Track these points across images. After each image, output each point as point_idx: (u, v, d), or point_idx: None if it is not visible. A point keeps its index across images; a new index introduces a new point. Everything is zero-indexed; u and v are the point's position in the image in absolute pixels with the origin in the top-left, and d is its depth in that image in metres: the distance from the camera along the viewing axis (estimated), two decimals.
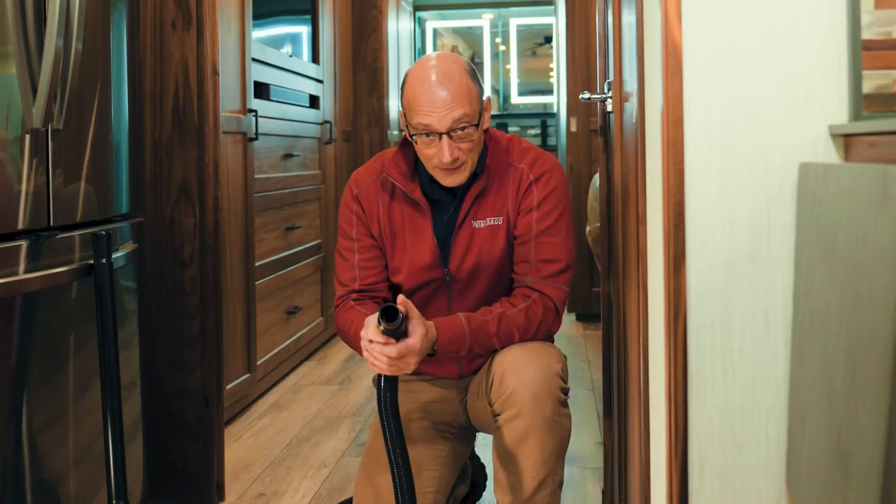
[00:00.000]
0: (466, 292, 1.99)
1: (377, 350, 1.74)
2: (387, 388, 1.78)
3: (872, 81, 1.32)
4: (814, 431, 1.21)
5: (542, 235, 1.95)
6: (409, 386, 2.14)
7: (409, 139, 1.92)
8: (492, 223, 1.97)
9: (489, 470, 2.57)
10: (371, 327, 1.75)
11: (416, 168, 1.99)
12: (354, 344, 1.94)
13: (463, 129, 1.85)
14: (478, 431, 2.19)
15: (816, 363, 1.22)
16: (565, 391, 1.88)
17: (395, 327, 1.71)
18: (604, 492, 2.40)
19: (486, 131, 2.00)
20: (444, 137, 1.84)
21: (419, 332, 1.76)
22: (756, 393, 1.33)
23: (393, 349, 1.72)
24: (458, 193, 1.97)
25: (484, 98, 1.93)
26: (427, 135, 1.85)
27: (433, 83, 1.84)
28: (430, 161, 1.89)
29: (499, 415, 1.86)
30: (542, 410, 1.82)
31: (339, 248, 2.08)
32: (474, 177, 1.96)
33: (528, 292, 1.94)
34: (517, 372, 1.83)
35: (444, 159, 1.85)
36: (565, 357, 2.03)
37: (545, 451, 1.84)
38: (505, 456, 1.88)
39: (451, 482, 2.13)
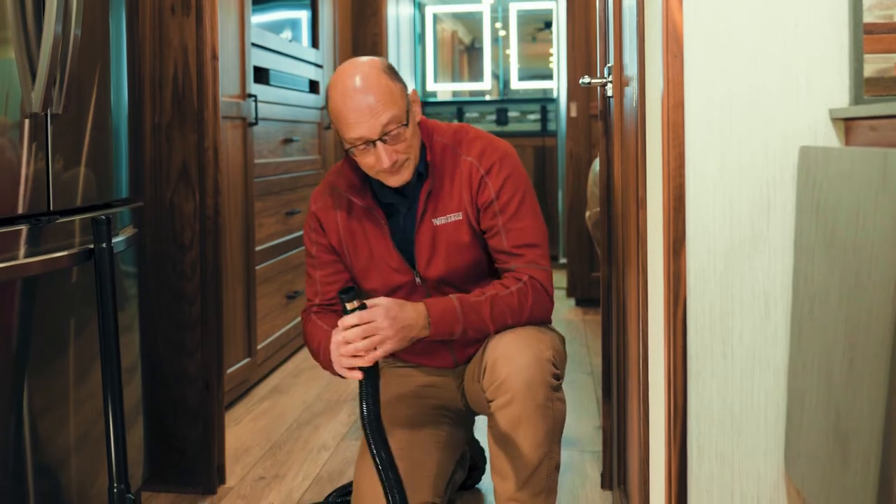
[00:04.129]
0: (443, 291, 1.98)
1: (344, 335, 1.73)
2: (367, 389, 1.75)
3: (874, 65, 1.32)
4: (812, 414, 1.22)
5: (509, 223, 1.94)
6: (404, 371, 2.15)
7: (347, 153, 1.91)
8: (453, 219, 1.97)
9: (487, 454, 2.58)
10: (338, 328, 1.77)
11: (365, 174, 1.98)
12: (317, 358, 1.98)
13: (394, 131, 1.84)
14: (476, 415, 2.20)
15: (815, 346, 1.22)
16: (557, 377, 1.89)
17: (354, 306, 1.72)
18: (602, 475, 2.41)
19: (426, 125, 1.98)
20: (379, 144, 1.84)
21: (385, 301, 1.78)
22: (755, 376, 1.34)
23: (354, 317, 1.72)
24: (409, 194, 1.97)
25: (409, 92, 1.92)
26: (362, 146, 1.85)
27: (354, 94, 1.83)
28: (371, 169, 1.89)
29: (491, 401, 1.88)
30: (535, 397, 1.83)
31: (305, 268, 2.12)
32: (420, 176, 1.96)
33: (517, 275, 1.94)
34: (509, 359, 1.84)
35: (383, 166, 1.84)
36: (563, 339, 2.03)
37: (539, 435, 1.85)
38: (500, 441, 1.89)
39: (449, 467, 2.14)
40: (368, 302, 1.79)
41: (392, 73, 1.89)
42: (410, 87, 1.94)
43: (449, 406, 2.13)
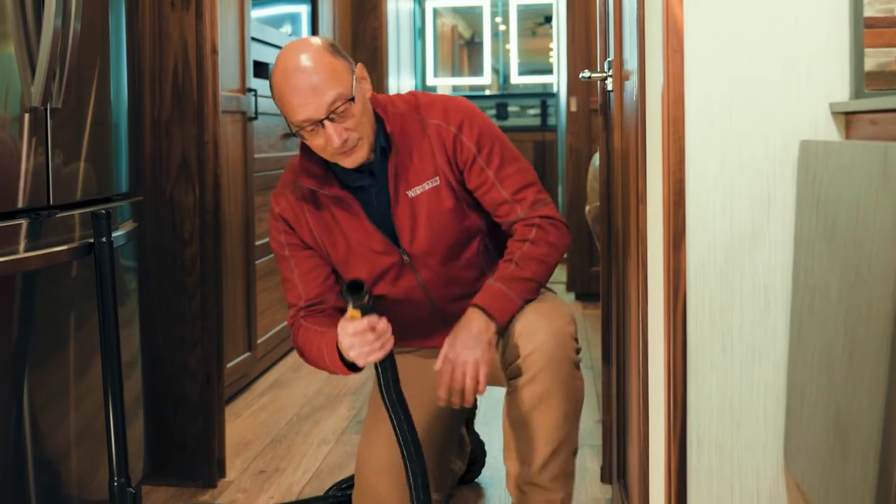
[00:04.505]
0: (431, 263, 1.93)
1: (365, 338, 1.71)
2: (387, 371, 1.75)
3: (874, 59, 1.32)
4: (812, 408, 1.22)
5: (500, 173, 1.90)
6: (402, 358, 2.05)
7: (297, 137, 1.85)
8: (429, 186, 1.90)
9: (495, 444, 2.58)
10: (347, 321, 1.74)
11: (327, 163, 1.91)
12: (320, 364, 1.90)
13: (341, 109, 1.78)
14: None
15: (815, 340, 1.22)
16: (578, 351, 1.85)
17: (363, 301, 1.69)
18: (602, 468, 2.41)
19: (377, 100, 1.90)
20: (326, 123, 1.77)
21: (445, 346, 1.80)
22: (755, 370, 1.34)
23: (364, 323, 1.70)
24: (377, 172, 1.90)
25: (355, 69, 1.84)
26: (310, 128, 1.79)
27: (295, 75, 1.77)
28: (324, 151, 1.82)
29: (512, 379, 1.83)
30: (557, 373, 1.79)
31: (281, 277, 2.04)
32: (383, 151, 1.89)
33: (529, 223, 1.90)
34: (531, 335, 1.80)
35: (334, 145, 1.78)
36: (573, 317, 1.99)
37: (560, 416, 1.81)
38: (518, 422, 1.85)
39: (451, 455, 2.12)
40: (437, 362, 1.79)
41: (334, 50, 1.82)
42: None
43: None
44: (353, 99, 1.79)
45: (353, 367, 1.83)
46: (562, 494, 1.87)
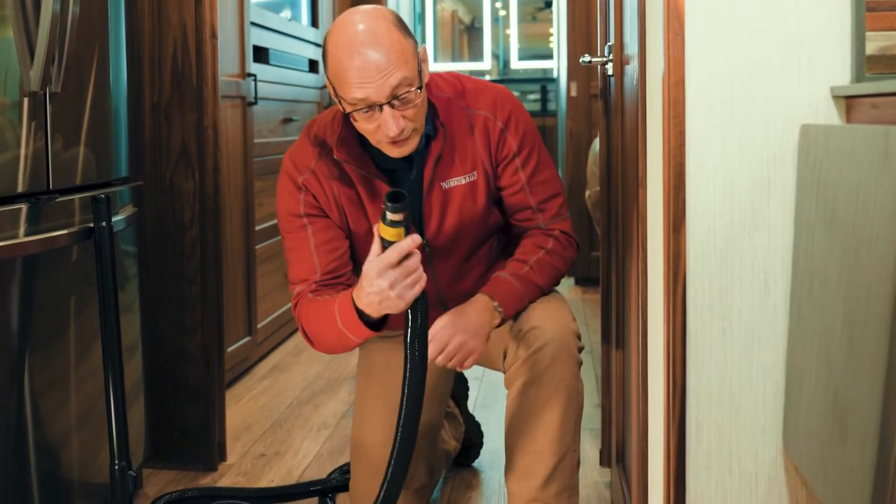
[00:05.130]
0: (446, 258, 1.86)
1: (407, 266, 1.55)
2: (419, 311, 1.60)
3: (875, 43, 1.32)
4: (811, 391, 1.22)
5: (532, 178, 1.84)
6: (391, 344, 1.98)
7: (345, 115, 1.70)
8: (467, 181, 1.81)
9: (493, 427, 2.59)
10: (386, 254, 1.56)
11: (362, 139, 1.76)
12: (327, 334, 1.75)
13: (404, 95, 1.62)
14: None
15: (815, 324, 1.22)
16: (581, 350, 1.81)
17: (403, 214, 1.51)
18: (601, 452, 2.42)
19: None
20: (386, 108, 1.61)
21: (442, 320, 1.73)
22: (754, 353, 1.34)
23: (394, 252, 1.53)
24: (415, 158, 1.78)
25: (419, 50, 1.68)
26: (365, 109, 1.63)
27: (361, 48, 1.59)
28: (373, 136, 1.67)
29: (516, 380, 1.78)
30: (562, 373, 1.74)
31: (286, 246, 1.85)
32: (427, 137, 1.77)
33: (548, 232, 1.86)
34: (537, 331, 1.75)
35: (389, 133, 1.62)
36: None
37: (565, 421, 1.76)
38: (520, 430, 1.79)
39: (439, 434, 2.11)
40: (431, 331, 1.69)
41: (403, 26, 1.66)
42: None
43: (436, 368, 1.96)
44: (420, 87, 1.64)
45: (371, 325, 1.68)
46: None
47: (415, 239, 1.56)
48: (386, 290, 1.56)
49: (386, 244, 1.55)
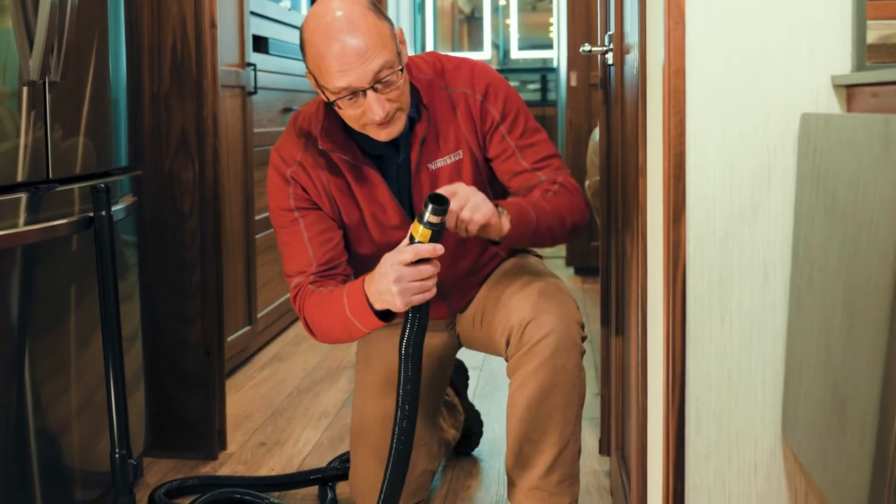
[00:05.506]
0: (445, 243, 1.80)
1: (421, 270, 1.54)
2: (418, 318, 1.58)
3: (876, 31, 1.31)
4: (810, 380, 1.23)
5: (521, 141, 1.82)
6: (392, 332, 1.93)
7: (329, 104, 1.70)
8: (452, 160, 1.80)
9: (493, 417, 2.59)
10: (404, 249, 1.57)
11: (346, 126, 1.77)
12: (333, 324, 1.74)
13: (387, 78, 1.62)
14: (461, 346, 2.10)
15: (814, 313, 1.23)
16: (584, 339, 1.80)
17: (439, 219, 1.51)
18: (601, 441, 2.43)
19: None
20: (370, 93, 1.61)
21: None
22: (753, 342, 1.34)
23: (428, 249, 1.52)
24: (399, 142, 1.77)
25: (396, 32, 1.69)
26: (349, 96, 1.62)
27: (339, 36, 1.59)
28: (358, 121, 1.67)
29: (519, 369, 1.77)
30: (565, 363, 1.73)
31: (280, 241, 1.86)
32: (412, 121, 1.76)
33: (552, 178, 1.80)
34: (541, 320, 1.73)
35: (375, 118, 1.63)
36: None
37: (567, 410, 1.76)
38: (522, 419, 1.78)
39: (438, 421, 2.11)
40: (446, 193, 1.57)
41: (377, 9, 1.66)
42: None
43: (435, 353, 2.01)
44: (401, 68, 1.64)
45: (381, 315, 1.66)
46: (568, 499, 1.82)
47: (437, 248, 1.56)
48: (390, 284, 1.57)
49: (412, 242, 1.57)
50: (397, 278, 1.56)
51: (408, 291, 1.57)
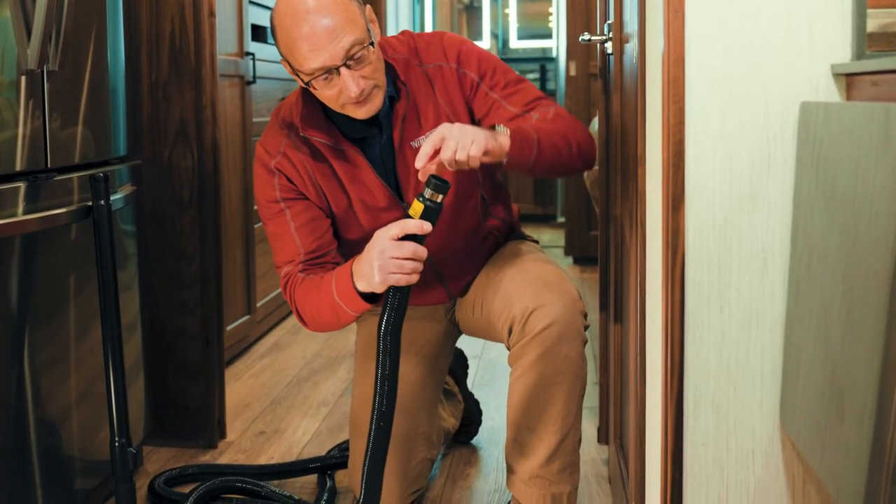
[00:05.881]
0: (434, 229, 1.78)
1: (404, 248, 1.55)
2: (398, 304, 1.57)
3: (876, 20, 1.31)
4: (808, 368, 1.23)
5: (505, 91, 1.81)
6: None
7: (305, 86, 1.72)
8: None
9: (492, 405, 2.60)
10: (392, 224, 1.58)
11: (326, 112, 1.79)
12: (322, 308, 1.74)
13: (358, 54, 1.64)
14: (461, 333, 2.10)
15: (813, 301, 1.23)
16: (587, 328, 1.79)
17: (438, 197, 1.52)
18: (599, 429, 2.44)
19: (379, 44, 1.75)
20: (343, 70, 1.63)
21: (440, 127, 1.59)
22: (752, 330, 1.34)
23: (415, 225, 1.52)
24: (381, 122, 1.78)
25: (365, 9, 1.70)
26: (324, 76, 1.65)
27: (308, 17, 1.62)
28: (335, 101, 1.69)
29: (521, 358, 1.76)
30: (568, 352, 1.73)
31: (269, 232, 1.86)
32: (391, 99, 1.77)
33: (543, 110, 1.78)
34: (544, 308, 1.72)
35: (351, 95, 1.64)
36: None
37: (567, 402, 1.76)
38: (523, 407, 1.78)
39: (437, 409, 2.12)
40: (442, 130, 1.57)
41: None
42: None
43: (434, 340, 2.02)
44: (372, 43, 1.66)
45: (366, 297, 1.67)
46: (569, 488, 1.82)
47: (423, 225, 1.56)
48: (372, 258, 1.58)
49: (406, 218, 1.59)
50: (380, 251, 1.58)
51: (386, 267, 1.57)
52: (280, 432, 2.62)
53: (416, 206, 1.57)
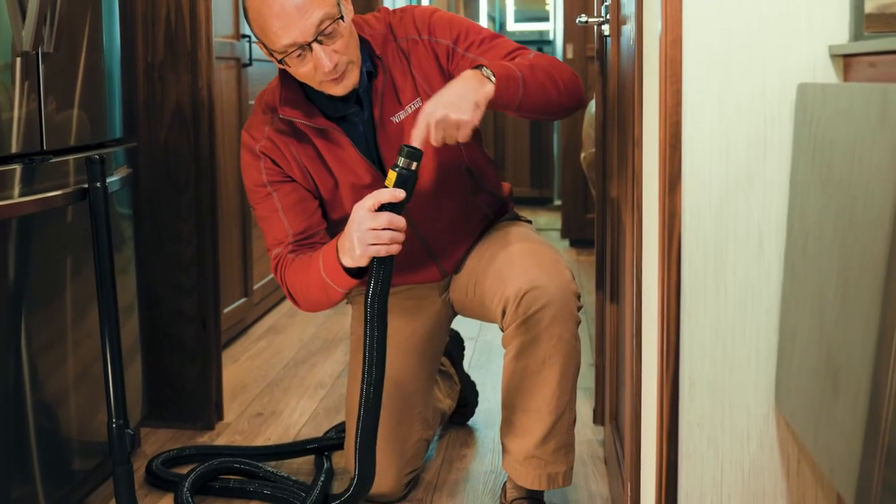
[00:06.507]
0: (420, 195, 1.79)
1: (379, 218, 1.57)
2: (381, 274, 1.58)
3: (874, 1, 1.31)
4: (804, 348, 1.24)
5: (481, 49, 1.81)
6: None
7: (280, 65, 1.74)
8: (413, 109, 1.80)
9: (489, 387, 2.61)
10: (374, 196, 1.60)
11: (306, 93, 1.81)
12: (315, 285, 1.75)
13: (329, 30, 1.66)
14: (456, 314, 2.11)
15: (809, 282, 1.23)
16: (580, 309, 1.80)
17: (410, 164, 1.54)
18: (595, 410, 2.45)
19: (355, 22, 1.79)
20: (315, 46, 1.65)
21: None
22: (748, 311, 1.35)
23: (388, 195, 1.55)
24: (360, 99, 1.80)
25: None
26: (297, 53, 1.67)
27: None
28: (312, 78, 1.71)
29: (514, 339, 1.78)
30: (561, 333, 1.74)
31: (258, 216, 1.89)
32: (369, 75, 1.79)
33: (523, 56, 1.79)
34: (537, 290, 1.73)
35: (325, 69, 1.66)
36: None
37: (564, 380, 1.77)
38: (518, 388, 1.79)
39: (432, 389, 2.13)
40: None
41: None
42: None
43: (430, 321, 2.03)
44: (342, 17, 1.68)
45: (352, 273, 1.69)
46: (564, 468, 1.84)
47: (396, 193, 1.58)
48: (351, 228, 1.61)
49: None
50: (357, 224, 1.60)
51: (364, 239, 1.59)
52: (277, 414, 2.63)
53: (391, 176, 1.59)
